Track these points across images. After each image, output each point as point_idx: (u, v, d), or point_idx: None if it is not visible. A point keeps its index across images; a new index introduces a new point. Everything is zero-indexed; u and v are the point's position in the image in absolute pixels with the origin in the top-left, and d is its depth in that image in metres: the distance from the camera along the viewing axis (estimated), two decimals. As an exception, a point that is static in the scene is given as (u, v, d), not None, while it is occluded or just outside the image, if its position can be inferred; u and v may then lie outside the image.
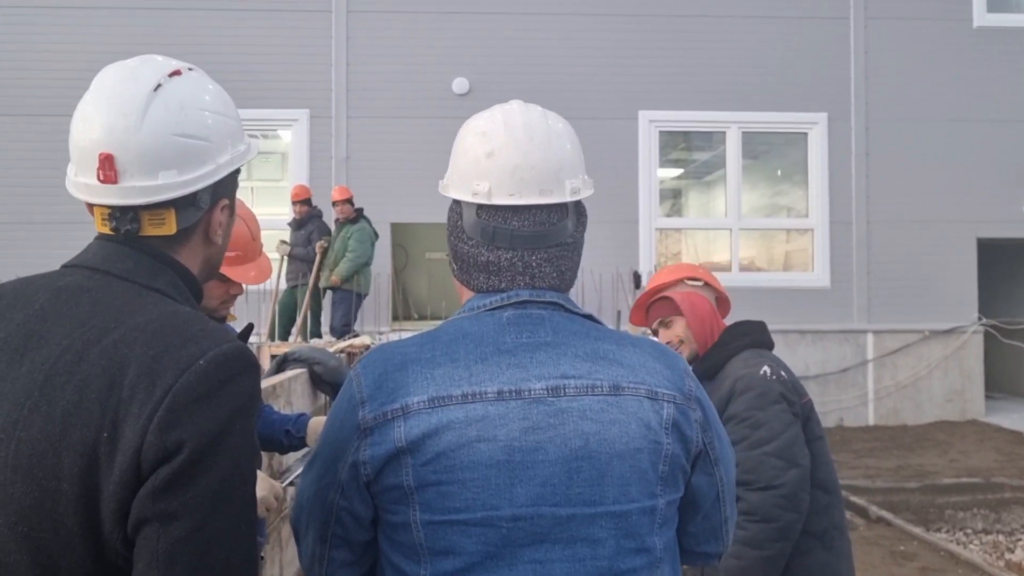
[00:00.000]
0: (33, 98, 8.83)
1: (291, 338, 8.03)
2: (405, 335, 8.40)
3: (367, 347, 6.20)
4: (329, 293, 8.34)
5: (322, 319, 8.48)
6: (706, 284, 2.37)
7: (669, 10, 9.61)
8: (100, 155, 1.08)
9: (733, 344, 2.25)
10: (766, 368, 2.13)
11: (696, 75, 9.59)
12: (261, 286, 8.19)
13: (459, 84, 9.35)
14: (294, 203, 8.50)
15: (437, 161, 9.17)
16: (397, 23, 9.41)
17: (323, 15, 9.33)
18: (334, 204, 8.32)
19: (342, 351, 5.76)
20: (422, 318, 11.40)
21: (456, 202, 1.28)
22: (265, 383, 3.34)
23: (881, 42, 9.72)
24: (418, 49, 9.38)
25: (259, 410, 1.16)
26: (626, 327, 7.75)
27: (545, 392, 1.13)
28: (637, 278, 9.06)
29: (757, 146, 10.41)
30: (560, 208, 1.23)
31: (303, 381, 4.24)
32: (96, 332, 1.01)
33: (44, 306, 1.05)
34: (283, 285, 8.39)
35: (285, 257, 8.31)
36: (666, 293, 2.34)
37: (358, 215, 8.29)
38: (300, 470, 2.28)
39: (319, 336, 8.02)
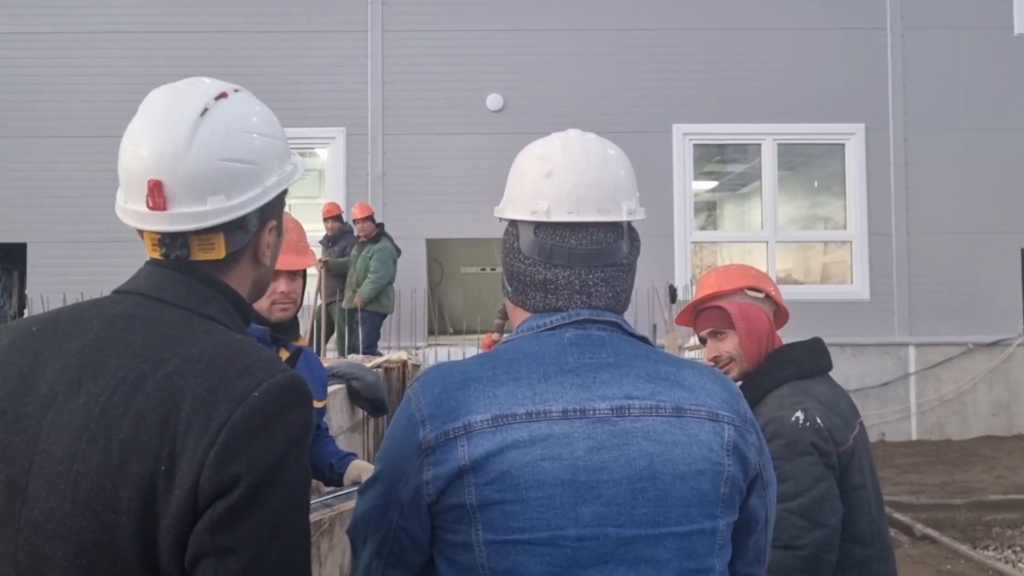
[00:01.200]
0: (88, 120, 9.08)
1: (330, 354, 8.11)
2: (441, 350, 8.46)
3: (403, 362, 6.25)
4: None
5: (347, 336, 8.52)
6: (767, 296, 2.14)
7: (702, 24, 9.58)
8: (149, 182, 1.08)
9: (774, 375, 2.06)
10: (799, 414, 1.94)
11: (730, 88, 9.55)
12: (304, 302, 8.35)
13: (493, 100, 9.42)
14: (326, 220, 8.57)
15: (472, 177, 9.34)
16: (432, 41, 9.51)
17: (359, 35, 9.47)
18: (355, 222, 8.29)
19: (379, 366, 5.81)
20: (457, 332, 11.43)
21: (512, 224, 1.29)
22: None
23: (919, 51, 9.60)
24: (452, 66, 9.46)
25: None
26: (661, 341, 7.71)
27: (610, 412, 1.13)
28: (673, 292, 9.01)
29: (793, 157, 10.32)
30: (616, 228, 1.24)
31: (342, 396, 4.28)
32: (151, 363, 1.01)
33: (99, 335, 1.05)
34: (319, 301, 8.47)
35: (322, 272, 8.37)
36: (722, 303, 2.12)
37: (379, 233, 8.24)
38: (348, 489, 2.32)
39: (356, 351, 8.08)
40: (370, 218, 8.23)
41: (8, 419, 1.01)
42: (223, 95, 1.14)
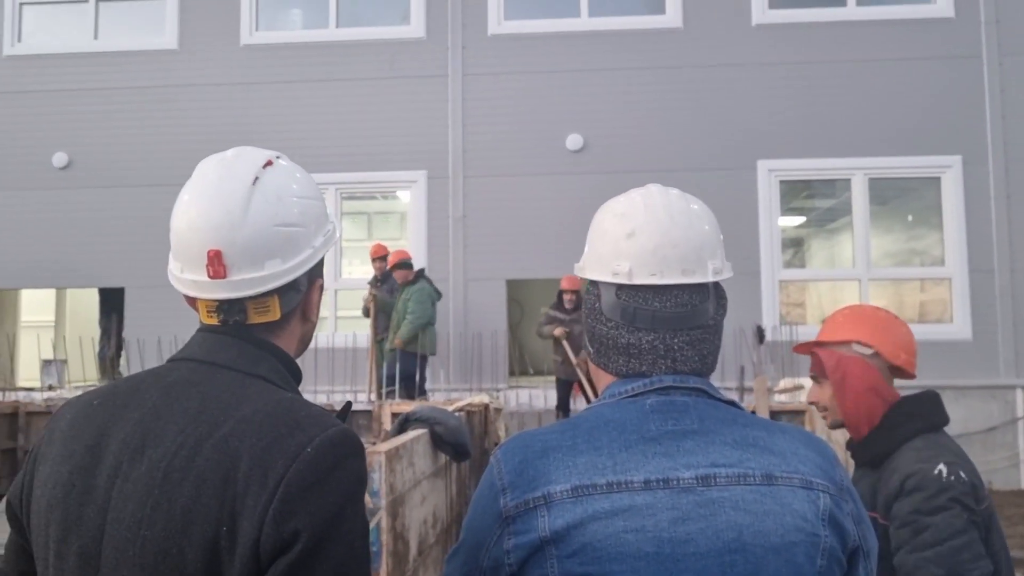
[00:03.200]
0: (179, 169, 9.47)
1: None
2: (522, 391, 8.41)
3: (485, 405, 6.20)
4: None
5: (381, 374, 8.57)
6: (877, 354, 1.98)
7: (786, 57, 9.42)
8: (209, 252, 1.12)
9: (902, 429, 1.92)
10: (942, 467, 1.82)
11: (817, 122, 9.32)
12: (355, 344, 8.48)
13: (573, 140, 9.42)
14: (374, 260, 8.73)
15: (551, 217, 9.34)
16: (510, 83, 9.61)
17: (440, 79, 9.65)
18: (391, 269, 8.43)
19: (460, 409, 5.77)
20: (538, 373, 11.36)
21: (593, 283, 1.26)
22: (389, 444, 3.36)
23: (1018, 80, 9.18)
24: (531, 108, 9.53)
25: None
26: (750, 383, 7.46)
27: (694, 481, 1.08)
28: (760, 332, 8.74)
29: (885, 191, 9.96)
30: (702, 289, 1.20)
31: (424, 442, 4.25)
32: (207, 426, 1.04)
33: (157, 403, 1.08)
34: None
35: (374, 308, 8.43)
36: (822, 352, 2.03)
37: (418, 275, 8.31)
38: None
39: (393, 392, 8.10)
40: (402, 264, 8.33)
41: (78, 492, 1.05)
42: (269, 163, 1.19)
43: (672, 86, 9.46)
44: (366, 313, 8.54)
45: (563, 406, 8.53)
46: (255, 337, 1.16)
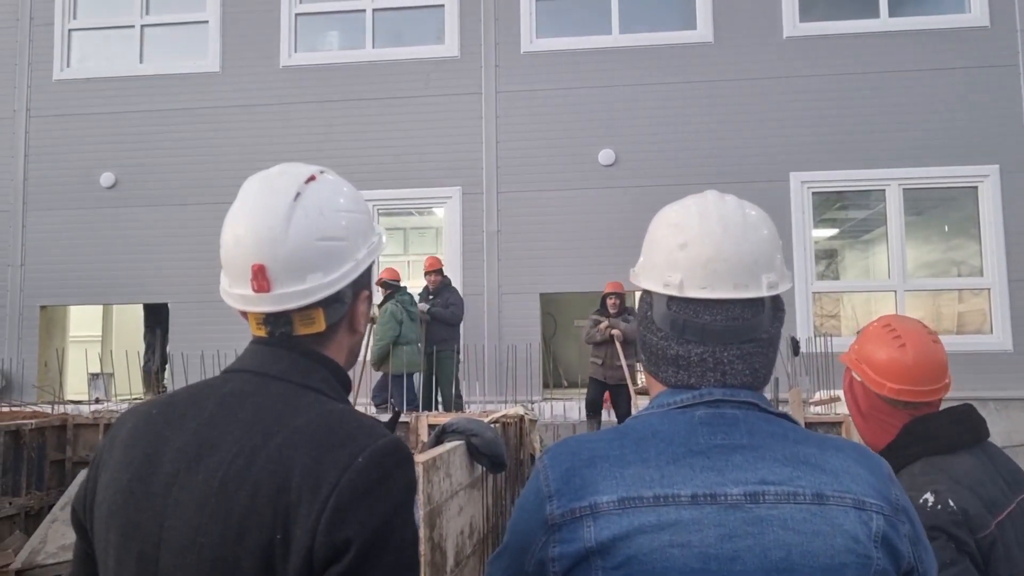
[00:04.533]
0: (222, 187, 9.77)
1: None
2: (556, 404, 8.44)
3: (520, 417, 6.27)
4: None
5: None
6: (863, 381, 1.87)
7: (818, 69, 9.41)
8: (253, 267, 1.14)
9: (907, 450, 1.82)
10: (928, 495, 1.70)
11: (850, 133, 9.29)
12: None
13: (605, 155, 9.49)
14: (427, 274, 8.77)
15: (584, 231, 9.36)
16: (543, 100, 9.72)
17: (474, 97, 9.79)
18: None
19: (496, 421, 5.85)
20: (572, 386, 11.40)
21: (647, 292, 1.24)
22: (426, 455, 3.44)
23: (1056, 87, 9.09)
24: (564, 123, 9.63)
25: None
26: (784, 394, 7.44)
27: (743, 498, 1.06)
28: (795, 344, 8.70)
29: (921, 201, 9.87)
30: (755, 302, 1.17)
31: (461, 453, 4.33)
32: (261, 436, 1.07)
33: (213, 413, 1.12)
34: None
35: (425, 324, 8.47)
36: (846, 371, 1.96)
37: (388, 296, 8.25)
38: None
39: (452, 400, 8.15)
40: (384, 283, 8.27)
41: (137, 498, 1.09)
42: (312, 178, 1.21)
43: (704, 100, 9.50)
44: None
45: (594, 408, 8.54)
46: (306, 349, 1.19)
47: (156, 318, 10.62)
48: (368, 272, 1.27)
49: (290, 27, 10.11)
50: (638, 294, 1.33)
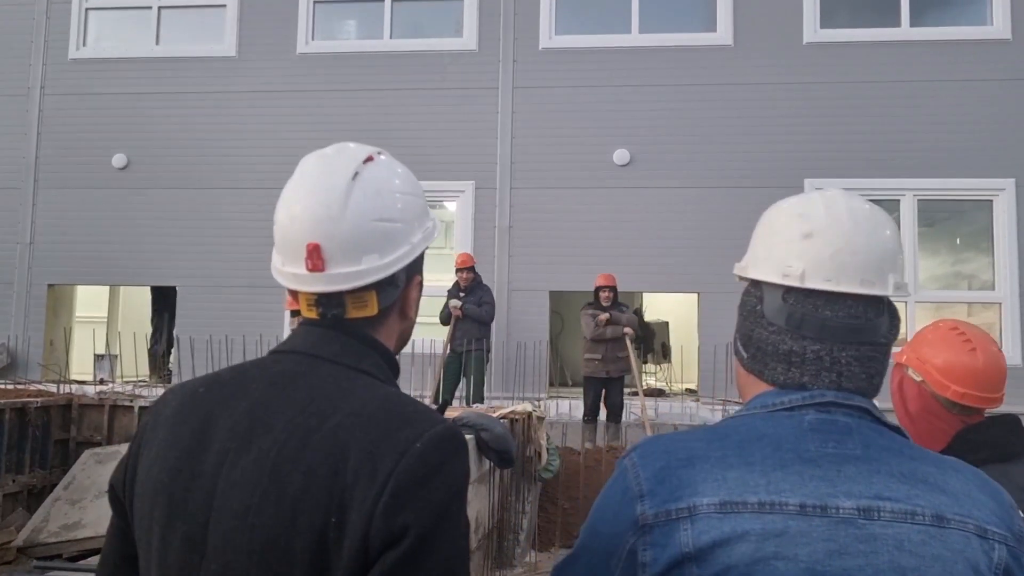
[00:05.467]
0: (234, 173, 9.76)
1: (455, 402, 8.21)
2: (562, 402, 8.40)
3: (528, 414, 6.26)
4: None
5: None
6: (924, 381, 1.85)
7: (836, 76, 9.37)
8: (308, 245, 1.11)
9: (966, 459, 1.70)
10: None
11: (866, 142, 9.25)
12: (427, 350, 8.54)
13: (620, 155, 9.46)
14: (459, 271, 8.50)
15: (595, 230, 9.31)
16: (559, 97, 9.70)
17: (490, 91, 9.77)
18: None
19: (504, 417, 5.84)
20: (576, 384, 11.36)
21: (755, 284, 1.16)
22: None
23: (1076, 103, 9.04)
24: (579, 121, 9.60)
25: None
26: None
27: (855, 512, 0.99)
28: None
29: (934, 213, 9.83)
30: (878, 303, 1.10)
31: (471, 447, 4.32)
32: (316, 418, 1.04)
33: (265, 393, 1.09)
34: (444, 349, 8.60)
35: (456, 321, 8.37)
36: (893, 370, 1.89)
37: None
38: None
39: (480, 401, 8.15)
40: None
41: (185, 477, 1.06)
42: (369, 158, 1.18)
43: (720, 103, 9.47)
44: (444, 321, 8.45)
45: (594, 413, 8.43)
46: (358, 332, 1.16)
47: (164, 301, 10.61)
48: (422, 257, 1.25)
49: (308, 14, 10.09)
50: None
